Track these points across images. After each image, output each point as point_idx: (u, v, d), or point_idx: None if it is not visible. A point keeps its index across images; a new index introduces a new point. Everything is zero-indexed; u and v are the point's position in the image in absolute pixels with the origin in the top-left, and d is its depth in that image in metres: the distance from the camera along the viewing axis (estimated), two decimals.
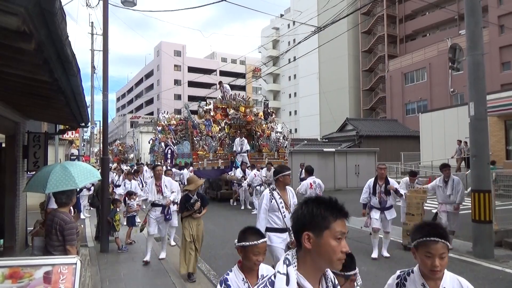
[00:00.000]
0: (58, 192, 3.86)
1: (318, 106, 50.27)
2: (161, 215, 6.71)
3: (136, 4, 10.08)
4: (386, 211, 6.83)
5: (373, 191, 6.86)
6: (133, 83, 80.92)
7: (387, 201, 6.81)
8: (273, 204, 4.47)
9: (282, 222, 4.49)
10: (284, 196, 4.56)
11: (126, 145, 47.97)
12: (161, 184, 6.71)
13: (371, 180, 6.98)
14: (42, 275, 2.56)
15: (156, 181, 6.73)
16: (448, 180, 7.58)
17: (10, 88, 4.16)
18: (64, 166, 4.26)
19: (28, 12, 1.99)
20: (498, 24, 29.99)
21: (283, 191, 4.60)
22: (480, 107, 7.10)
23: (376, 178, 6.91)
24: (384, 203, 6.81)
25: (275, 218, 4.49)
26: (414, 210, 7.38)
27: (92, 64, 22.72)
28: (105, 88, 8.33)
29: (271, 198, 4.50)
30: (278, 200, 4.48)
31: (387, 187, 6.76)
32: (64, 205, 3.85)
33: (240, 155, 14.94)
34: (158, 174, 7.03)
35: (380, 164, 7.22)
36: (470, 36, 7.28)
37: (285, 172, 4.59)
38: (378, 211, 6.83)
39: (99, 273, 6.17)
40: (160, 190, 6.66)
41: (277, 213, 4.48)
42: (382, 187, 6.80)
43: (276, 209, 4.47)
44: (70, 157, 23.11)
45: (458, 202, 7.47)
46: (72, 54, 2.86)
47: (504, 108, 16.91)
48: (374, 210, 6.86)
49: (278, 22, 61.42)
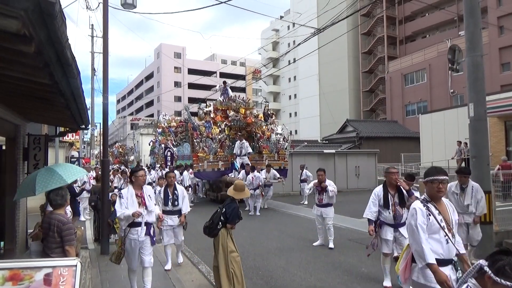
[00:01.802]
0: (52, 194, 3.88)
1: (318, 108, 50.30)
2: (145, 237, 4.96)
3: (136, 7, 10.09)
4: (402, 227, 5.27)
5: (384, 202, 5.32)
6: (133, 85, 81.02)
7: (403, 215, 5.29)
8: (431, 223, 3.14)
9: (445, 250, 3.14)
10: (443, 211, 3.25)
11: (127, 147, 47.99)
12: (143, 195, 5.01)
13: (379, 189, 5.49)
14: (42, 277, 2.56)
15: (137, 190, 4.98)
16: (466, 187, 6.16)
17: (11, 90, 4.17)
18: (48, 168, 4.39)
19: (28, 15, 2.00)
20: (498, 25, 30.03)
21: (439, 204, 3.26)
22: (479, 108, 7.11)
23: (385, 185, 5.43)
24: (399, 218, 5.30)
25: (434, 244, 3.13)
26: None
27: (92, 66, 22.78)
28: (105, 90, 8.35)
29: (428, 213, 3.18)
30: (438, 217, 3.17)
31: (398, 183, 5.34)
32: (59, 207, 3.86)
33: (239, 158, 14.94)
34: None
35: (390, 168, 5.57)
36: (469, 37, 7.30)
37: (439, 177, 3.19)
38: (390, 228, 5.36)
39: (100, 275, 6.17)
40: (143, 203, 4.97)
41: (436, 236, 3.14)
42: (395, 197, 5.32)
43: (436, 230, 3.14)
44: (70, 159, 23.14)
45: (478, 214, 6.10)
46: (72, 57, 2.87)
47: (504, 109, 16.91)
48: (385, 227, 5.38)
49: (278, 24, 61.50)
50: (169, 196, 6.38)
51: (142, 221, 4.93)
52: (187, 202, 6.59)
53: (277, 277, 5.94)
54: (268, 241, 8.50)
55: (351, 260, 6.83)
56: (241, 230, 9.54)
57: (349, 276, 5.91)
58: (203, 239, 8.49)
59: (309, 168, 18.66)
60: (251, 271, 6.24)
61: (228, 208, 4.84)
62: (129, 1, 9.94)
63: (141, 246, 4.95)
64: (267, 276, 5.98)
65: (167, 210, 6.36)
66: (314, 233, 9.24)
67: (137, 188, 4.99)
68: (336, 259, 6.93)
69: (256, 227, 10.21)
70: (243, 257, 6.92)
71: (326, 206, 7.77)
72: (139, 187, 5.00)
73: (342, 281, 5.71)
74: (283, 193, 16.79)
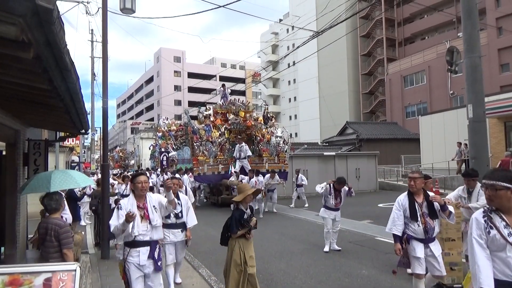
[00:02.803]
0: (47, 199, 3.93)
1: (318, 110, 50.35)
2: (147, 261, 3.91)
3: (135, 11, 10.13)
4: (433, 243, 4.40)
5: (411, 213, 4.36)
6: (133, 89, 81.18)
7: (435, 228, 4.40)
8: (493, 238, 2.53)
9: None
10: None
11: (127, 152, 48.03)
12: (146, 206, 3.99)
13: (403, 197, 4.53)
14: (42, 282, 2.56)
15: (139, 200, 3.99)
16: (473, 191, 5.60)
17: (10, 96, 4.19)
18: (63, 170, 4.44)
19: (26, 22, 2.02)
20: (496, 26, 30.11)
21: (508, 214, 2.59)
22: (478, 109, 7.13)
23: (411, 193, 4.48)
24: (431, 231, 4.35)
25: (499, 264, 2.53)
26: (454, 234, 5.34)
27: (92, 71, 22.81)
28: (104, 94, 8.37)
29: (488, 226, 2.58)
30: (504, 231, 2.51)
31: (431, 198, 4.33)
32: (54, 211, 3.89)
33: (239, 161, 14.94)
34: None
35: (412, 173, 4.62)
36: (467, 38, 7.33)
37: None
38: (420, 244, 4.36)
39: (100, 280, 6.17)
40: (146, 216, 3.93)
41: (502, 254, 2.52)
42: (424, 206, 4.36)
43: (502, 247, 2.51)
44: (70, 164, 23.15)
45: None
46: (71, 62, 2.89)
47: (504, 109, 16.93)
48: (414, 242, 4.38)
49: (277, 27, 61.68)
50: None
51: (144, 238, 3.86)
52: (193, 214, 5.62)
53: (277, 280, 5.94)
54: (268, 244, 8.49)
55: (352, 262, 6.82)
56: None
57: (350, 279, 5.90)
58: (203, 243, 8.51)
59: (310, 170, 18.71)
60: None
61: (229, 217, 4.58)
62: (128, 6, 9.97)
63: (146, 274, 3.94)
64: (267, 279, 5.97)
65: (169, 224, 5.33)
66: (314, 235, 9.24)
67: (139, 198, 4.00)
68: (337, 261, 6.92)
69: (257, 230, 10.16)
70: None
71: (339, 209, 7.80)
72: (141, 196, 4.01)
73: (343, 284, 5.70)
74: (284, 195, 16.76)
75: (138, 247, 3.88)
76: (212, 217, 12.10)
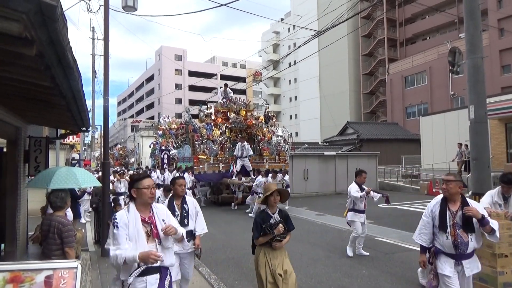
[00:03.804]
0: (52, 196, 3.92)
1: (319, 110, 50.34)
2: None
3: (137, 9, 10.13)
4: (466, 260, 3.65)
5: (440, 223, 3.68)
6: (134, 87, 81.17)
7: (469, 243, 3.60)
8: None
9: None
10: None
11: (127, 150, 48.05)
12: (154, 220, 3.01)
13: (435, 202, 3.84)
14: (43, 279, 2.56)
15: (144, 212, 2.99)
16: (509, 197, 5.02)
17: (12, 93, 4.19)
18: (69, 168, 4.46)
19: (29, 18, 2.02)
20: (498, 27, 30.07)
21: None
22: (480, 110, 7.12)
23: (444, 200, 3.76)
24: (463, 247, 3.60)
25: None
26: (507, 248, 4.51)
27: (93, 69, 22.83)
28: (106, 92, 8.36)
29: None
30: None
31: (464, 211, 3.59)
32: (59, 209, 3.89)
33: (240, 160, 14.94)
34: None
35: (447, 175, 3.87)
36: (470, 39, 7.31)
37: None
38: (450, 260, 3.66)
39: (100, 278, 6.17)
40: (155, 234, 2.96)
41: None
42: (457, 216, 3.64)
43: None
44: (71, 162, 23.16)
45: None
46: (73, 60, 2.88)
47: (505, 111, 16.91)
48: (442, 257, 3.68)
49: (279, 26, 61.63)
50: (176, 212, 4.36)
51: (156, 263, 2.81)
52: (202, 220, 4.67)
53: None
54: None
55: (352, 262, 6.82)
56: (242, 233, 9.55)
57: (350, 279, 5.90)
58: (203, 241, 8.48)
59: (310, 170, 18.73)
60: (252, 273, 6.23)
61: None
62: (130, 4, 9.97)
63: None
64: None
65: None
66: (314, 235, 9.24)
67: (144, 209, 2.99)
68: (337, 261, 6.92)
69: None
70: (244, 259, 6.93)
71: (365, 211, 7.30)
72: (146, 205, 3.01)
73: (343, 284, 5.70)
74: None
75: (145, 276, 2.86)
76: (212, 216, 12.11)
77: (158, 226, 2.99)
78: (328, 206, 14.16)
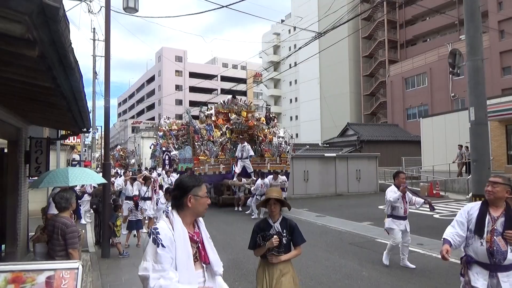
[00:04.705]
0: (57, 197, 3.93)
1: (319, 111, 50.37)
2: None
3: (138, 11, 10.14)
4: (503, 273, 3.16)
5: (477, 226, 3.26)
6: (134, 88, 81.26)
7: (507, 254, 3.14)
8: None
9: None
10: None
11: (128, 150, 48.04)
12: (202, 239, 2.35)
13: (474, 205, 3.43)
14: (44, 280, 2.57)
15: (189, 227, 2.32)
16: None
17: (13, 93, 4.20)
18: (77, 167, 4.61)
19: (32, 20, 2.03)
20: (499, 29, 30.09)
21: None
22: (480, 112, 7.12)
23: (486, 203, 3.34)
24: (500, 256, 3.14)
25: None
26: None
27: (93, 70, 22.86)
28: (106, 93, 8.37)
29: None
30: None
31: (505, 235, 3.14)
32: (64, 210, 3.89)
33: (241, 161, 14.94)
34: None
35: (494, 177, 3.44)
36: (470, 41, 7.32)
37: None
38: (483, 271, 3.22)
39: (100, 279, 6.17)
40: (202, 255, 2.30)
41: None
42: (499, 222, 3.21)
43: None
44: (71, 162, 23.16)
45: None
46: (75, 61, 2.89)
47: (505, 112, 16.93)
48: (475, 267, 3.26)
49: (279, 27, 61.73)
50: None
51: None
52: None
53: None
54: None
55: (352, 264, 6.81)
56: (242, 234, 9.54)
57: (350, 280, 5.90)
58: None
59: (310, 171, 18.71)
60: (251, 275, 6.23)
61: None
62: (131, 5, 9.99)
63: None
64: None
65: None
66: (314, 236, 9.23)
67: (190, 222, 2.34)
68: (337, 263, 6.91)
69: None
70: (244, 260, 6.92)
71: (407, 217, 6.50)
72: (193, 218, 2.38)
73: (343, 285, 5.70)
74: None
75: None
76: (212, 217, 12.10)
77: (206, 245, 2.33)
78: (328, 208, 14.14)
